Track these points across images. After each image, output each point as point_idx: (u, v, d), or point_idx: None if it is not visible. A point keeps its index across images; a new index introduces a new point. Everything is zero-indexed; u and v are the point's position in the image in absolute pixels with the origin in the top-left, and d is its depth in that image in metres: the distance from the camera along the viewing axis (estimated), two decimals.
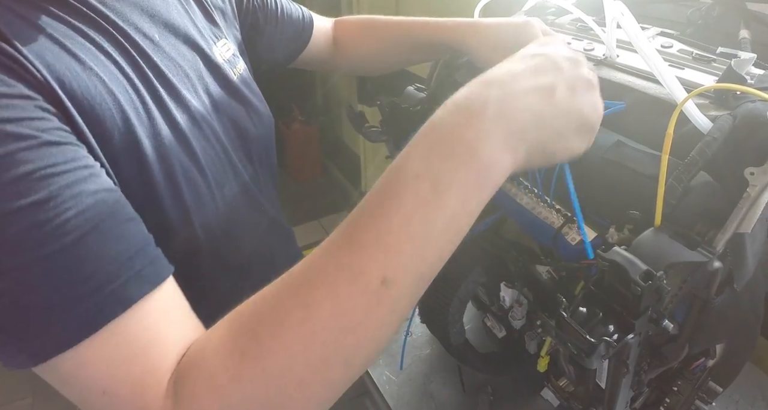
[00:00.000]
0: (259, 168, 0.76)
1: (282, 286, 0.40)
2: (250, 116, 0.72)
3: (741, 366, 0.76)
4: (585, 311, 0.46)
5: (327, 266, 0.38)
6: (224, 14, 0.76)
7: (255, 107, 0.73)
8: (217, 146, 0.64)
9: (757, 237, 0.54)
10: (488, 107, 0.39)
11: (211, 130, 0.63)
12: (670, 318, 0.62)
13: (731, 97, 0.57)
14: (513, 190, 0.67)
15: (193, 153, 0.59)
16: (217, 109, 0.65)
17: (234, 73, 0.70)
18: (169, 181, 0.54)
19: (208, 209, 0.61)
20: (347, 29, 0.97)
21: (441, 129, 0.39)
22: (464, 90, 0.41)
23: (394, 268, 0.37)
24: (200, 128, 0.61)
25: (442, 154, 0.38)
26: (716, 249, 0.48)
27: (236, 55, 0.73)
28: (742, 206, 0.48)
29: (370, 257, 0.37)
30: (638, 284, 0.41)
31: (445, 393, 1.00)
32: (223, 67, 0.68)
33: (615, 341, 0.44)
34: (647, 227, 0.50)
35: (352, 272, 0.37)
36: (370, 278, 0.37)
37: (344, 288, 0.37)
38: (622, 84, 0.64)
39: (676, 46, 0.69)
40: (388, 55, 0.93)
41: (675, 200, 0.49)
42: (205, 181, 0.60)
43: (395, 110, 0.82)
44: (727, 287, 0.57)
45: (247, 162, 0.72)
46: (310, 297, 0.37)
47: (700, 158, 0.49)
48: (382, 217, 0.38)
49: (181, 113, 0.58)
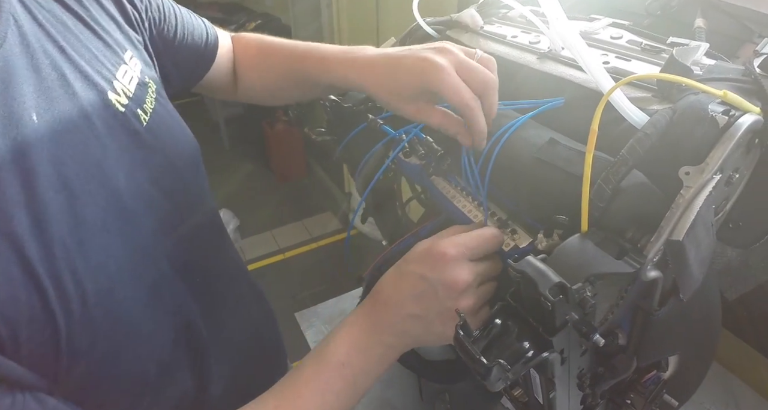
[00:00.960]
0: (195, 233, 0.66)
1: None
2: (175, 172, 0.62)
3: (699, 379, 0.72)
4: (500, 325, 0.42)
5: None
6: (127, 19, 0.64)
7: (175, 151, 0.63)
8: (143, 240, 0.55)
9: (703, 244, 0.49)
10: (385, 331, 0.54)
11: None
12: (615, 328, 0.58)
13: (675, 90, 0.52)
14: (451, 192, 0.63)
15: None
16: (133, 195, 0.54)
17: (142, 118, 0.58)
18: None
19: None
20: (246, 55, 0.84)
21: (356, 335, 0.56)
22: (365, 308, 0.57)
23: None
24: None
25: (360, 349, 0.55)
26: (647, 258, 0.43)
27: (143, 81, 0.60)
28: (676, 210, 0.43)
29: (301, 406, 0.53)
30: (547, 298, 0.36)
31: (404, 400, 0.97)
32: (127, 119, 0.56)
33: (529, 358, 0.39)
34: (576, 233, 0.46)
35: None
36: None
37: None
38: (563, 78, 0.60)
39: (626, 37, 0.65)
40: (287, 90, 0.82)
41: (603, 203, 0.45)
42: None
43: (338, 110, 0.78)
44: (672, 298, 0.53)
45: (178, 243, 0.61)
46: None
47: (630, 156, 0.44)
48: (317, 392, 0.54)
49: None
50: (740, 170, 0.50)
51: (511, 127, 0.56)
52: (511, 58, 0.67)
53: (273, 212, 3.41)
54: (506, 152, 0.56)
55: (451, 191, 0.63)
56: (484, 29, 0.76)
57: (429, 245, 0.54)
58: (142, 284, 0.53)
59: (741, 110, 0.46)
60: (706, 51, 0.58)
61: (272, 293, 1.06)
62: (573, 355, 0.49)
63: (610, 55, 0.62)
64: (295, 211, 3.39)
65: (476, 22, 0.77)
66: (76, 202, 0.47)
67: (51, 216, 0.44)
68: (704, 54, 0.58)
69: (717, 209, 0.53)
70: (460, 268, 0.51)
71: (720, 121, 0.45)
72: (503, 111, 0.61)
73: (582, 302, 0.41)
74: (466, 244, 0.52)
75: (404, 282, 0.53)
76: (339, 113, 0.79)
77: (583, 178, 0.43)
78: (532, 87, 0.62)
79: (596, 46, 0.65)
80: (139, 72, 0.60)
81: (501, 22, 0.78)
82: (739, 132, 0.44)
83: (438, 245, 0.52)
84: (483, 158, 0.57)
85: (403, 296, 0.53)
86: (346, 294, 1.20)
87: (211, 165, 3.16)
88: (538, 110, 0.55)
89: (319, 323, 1.14)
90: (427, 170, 0.63)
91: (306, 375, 0.54)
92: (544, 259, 0.42)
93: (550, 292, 0.37)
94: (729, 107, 0.46)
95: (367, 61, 0.63)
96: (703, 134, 0.45)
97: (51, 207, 0.44)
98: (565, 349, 0.45)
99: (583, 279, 0.41)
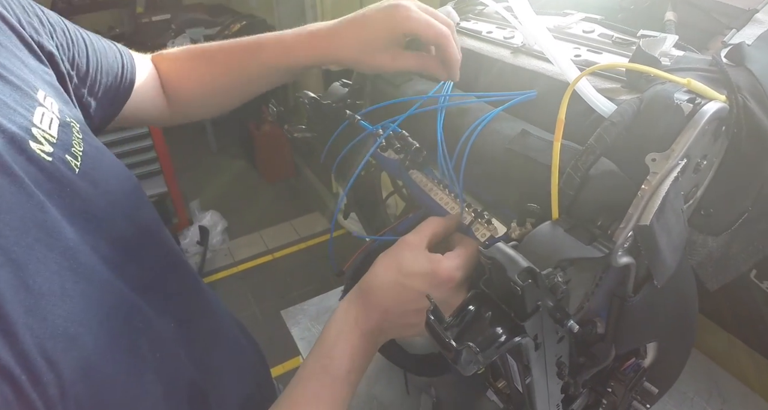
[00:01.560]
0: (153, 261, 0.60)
1: None
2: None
3: (679, 367, 0.73)
4: (473, 312, 0.42)
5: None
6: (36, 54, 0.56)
7: (116, 191, 0.56)
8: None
9: (674, 231, 0.50)
10: (383, 335, 0.58)
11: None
12: (593, 317, 0.59)
13: (643, 81, 0.53)
14: (429, 185, 0.64)
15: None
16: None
17: (72, 164, 0.50)
18: None
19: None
20: (175, 67, 0.77)
21: (357, 342, 0.56)
22: (361, 311, 0.57)
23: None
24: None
25: (362, 354, 0.57)
26: (616, 244, 0.44)
27: (64, 122, 0.52)
28: (642, 196, 0.44)
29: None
30: (516, 282, 0.37)
31: (390, 394, 0.97)
32: (56, 168, 0.48)
33: (501, 343, 0.40)
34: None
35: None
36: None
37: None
38: (535, 71, 0.61)
39: (598, 31, 0.66)
40: (230, 90, 0.77)
41: (573, 191, 0.45)
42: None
43: (318, 107, 0.78)
44: (646, 285, 0.54)
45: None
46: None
47: (598, 145, 0.45)
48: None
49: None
50: (708, 158, 0.51)
51: (484, 119, 0.57)
52: (486, 53, 0.68)
53: (261, 212, 3.40)
54: (479, 143, 0.56)
55: (429, 184, 0.64)
56: (460, 25, 0.77)
57: (435, 268, 0.54)
58: (119, 348, 0.47)
59: (706, 97, 0.47)
60: (675, 43, 0.59)
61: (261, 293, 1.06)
62: (548, 342, 0.50)
63: (582, 49, 0.63)
64: (283, 211, 3.39)
65: (453, 18, 0.77)
66: (25, 274, 0.40)
67: (2, 296, 0.38)
68: (674, 46, 0.59)
69: (687, 196, 0.54)
70: (457, 294, 0.54)
71: (685, 108, 0.46)
72: (477, 104, 0.61)
73: (553, 287, 0.42)
74: (467, 265, 0.54)
75: (407, 296, 0.55)
76: (318, 110, 0.79)
77: (552, 166, 0.44)
78: (506, 81, 0.63)
79: (568, 40, 0.66)
80: (58, 111, 0.52)
81: (477, 18, 0.79)
82: (703, 119, 0.45)
83: (445, 269, 0.53)
84: (457, 150, 0.58)
85: (406, 309, 0.55)
86: (331, 291, 1.21)
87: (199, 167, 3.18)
88: (510, 103, 0.56)
89: (305, 320, 1.14)
90: (404, 163, 0.64)
91: (314, 388, 0.55)
92: (515, 246, 0.43)
93: (519, 277, 0.38)
94: (695, 95, 0.47)
95: (328, 30, 0.65)
96: (669, 122, 0.46)
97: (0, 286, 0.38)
98: (538, 335, 0.46)
99: (554, 265, 0.42)
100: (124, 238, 0.54)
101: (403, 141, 0.62)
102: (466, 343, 0.37)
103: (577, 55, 0.61)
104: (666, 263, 0.51)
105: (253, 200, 3.61)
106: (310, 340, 1.09)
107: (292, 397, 0.55)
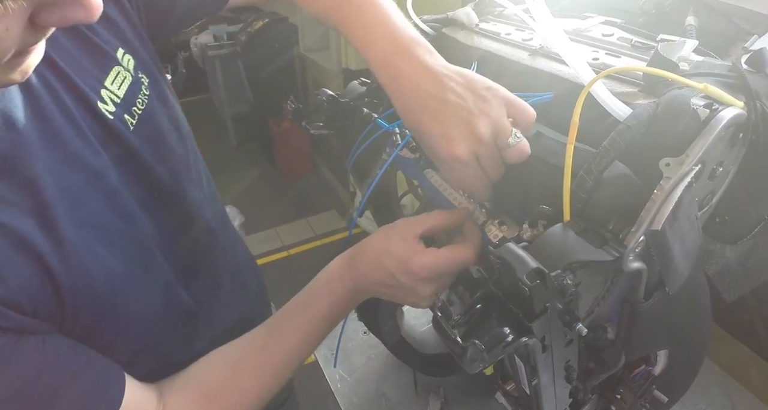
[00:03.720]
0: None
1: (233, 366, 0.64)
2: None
3: (691, 377, 0.72)
4: (481, 311, 0.42)
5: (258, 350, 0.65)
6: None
7: (165, 148, 0.65)
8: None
9: (687, 237, 0.50)
10: (360, 293, 0.64)
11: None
12: (604, 322, 0.59)
13: (660, 85, 0.53)
14: (443, 185, 0.64)
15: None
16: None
17: (129, 123, 0.60)
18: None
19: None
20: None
21: (339, 294, 0.65)
22: (347, 269, 0.64)
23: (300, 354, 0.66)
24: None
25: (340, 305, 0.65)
26: (627, 248, 0.44)
27: (136, 79, 0.62)
28: (655, 200, 0.44)
29: (288, 347, 0.64)
30: (524, 283, 0.37)
31: (398, 393, 0.97)
32: (116, 125, 0.58)
33: (508, 343, 0.40)
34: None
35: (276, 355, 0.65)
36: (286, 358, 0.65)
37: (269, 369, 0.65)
38: (552, 73, 0.61)
39: (618, 34, 0.65)
40: None
41: (585, 193, 0.45)
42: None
43: (335, 105, 0.79)
44: (658, 291, 0.53)
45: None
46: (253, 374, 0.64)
47: (611, 148, 0.45)
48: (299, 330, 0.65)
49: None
50: (725, 164, 0.51)
51: None
52: (504, 55, 0.68)
53: (278, 209, 3.43)
54: None
55: (443, 183, 0.64)
56: (479, 27, 0.77)
57: (408, 258, 0.57)
58: (131, 261, 0.57)
59: (723, 103, 0.47)
60: (695, 48, 0.58)
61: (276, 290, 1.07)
62: (557, 344, 0.50)
63: (600, 52, 0.62)
64: (299, 209, 3.41)
65: (472, 19, 0.78)
66: (75, 198, 0.51)
67: (58, 217, 0.49)
68: (693, 51, 0.58)
69: (702, 203, 0.54)
70: (425, 286, 0.58)
71: (701, 114, 0.46)
72: None
73: (562, 289, 0.42)
74: (437, 268, 0.57)
75: (381, 271, 0.60)
76: (336, 108, 0.80)
77: (565, 169, 0.44)
78: (523, 82, 0.63)
79: (587, 43, 0.66)
80: (132, 69, 0.62)
81: (496, 19, 0.79)
82: (719, 125, 0.45)
83: (415, 263, 0.57)
84: None
85: (378, 279, 0.61)
86: None
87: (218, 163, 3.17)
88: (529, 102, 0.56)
89: None
90: (419, 162, 0.64)
91: (294, 321, 0.65)
92: (525, 247, 0.43)
93: (528, 277, 0.38)
94: (712, 100, 0.47)
95: (398, 79, 0.57)
96: (685, 127, 0.46)
97: (57, 209, 0.49)
98: (546, 337, 0.46)
99: (563, 267, 0.42)
100: (161, 186, 0.64)
101: None
102: (472, 341, 0.37)
103: (595, 59, 0.61)
104: (678, 270, 0.51)
105: (271, 196, 3.64)
106: None
107: (274, 324, 0.66)
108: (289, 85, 3.48)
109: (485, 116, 0.52)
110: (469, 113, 0.52)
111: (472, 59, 0.69)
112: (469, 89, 0.54)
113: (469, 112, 0.52)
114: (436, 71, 0.55)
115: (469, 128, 0.52)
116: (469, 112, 0.52)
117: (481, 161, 0.53)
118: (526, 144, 0.53)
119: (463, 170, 0.54)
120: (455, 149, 0.52)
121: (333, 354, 1.03)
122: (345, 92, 0.82)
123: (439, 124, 0.53)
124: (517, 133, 0.53)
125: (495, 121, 0.52)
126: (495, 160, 0.54)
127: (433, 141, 0.54)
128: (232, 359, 0.65)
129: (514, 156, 0.53)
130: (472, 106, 0.52)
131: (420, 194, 0.83)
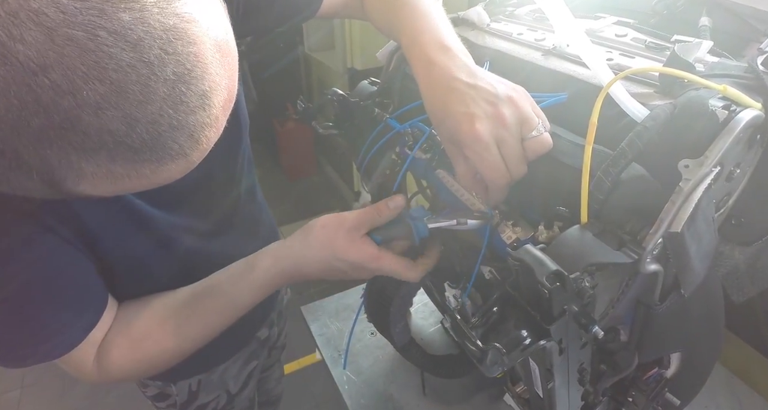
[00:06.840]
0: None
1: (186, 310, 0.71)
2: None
3: (703, 379, 0.72)
4: (498, 313, 0.42)
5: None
6: None
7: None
8: None
9: (704, 239, 0.50)
10: (301, 277, 0.69)
11: None
12: (618, 324, 0.59)
13: (677, 86, 0.52)
14: (455, 185, 0.64)
15: None
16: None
17: None
18: None
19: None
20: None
21: (279, 274, 0.69)
22: (294, 256, 0.68)
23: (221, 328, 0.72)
24: None
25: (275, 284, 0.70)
26: (645, 250, 0.43)
27: None
28: (674, 202, 0.43)
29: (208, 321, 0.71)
30: (544, 285, 0.37)
31: (406, 394, 0.97)
32: None
33: (526, 346, 0.40)
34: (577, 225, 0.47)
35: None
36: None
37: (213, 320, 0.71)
38: (566, 74, 0.60)
39: (631, 35, 0.65)
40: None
41: (603, 195, 0.45)
42: None
43: (345, 104, 0.79)
44: (673, 294, 0.53)
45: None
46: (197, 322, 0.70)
47: (629, 149, 0.45)
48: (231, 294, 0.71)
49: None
50: (742, 166, 0.51)
51: None
52: (516, 55, 0.68)
53: (282, 209, 3.42)
54: None
55: (455, 184, 0.64)
56: (490, 27, 0.77)
57: (362, 261, 0.63)
58: None
59: (741, 105, 0.46)
60: (710, 49, 0.58)
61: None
62: (572, 347, 0.50)
63: (614, 53, 0.62)
64: (303, 209, 3.40)
65: (483, 19, 0.77)
66: None
67: None
68: (708, 52, 0.58)
69: (719, 204, 0.53)
70: (361, 274, 0.67)
71: (720, 115, 0.45)
72: None
73: (580, 292, 0.42)
74: (381, 271, 0.65)
75: (332, 272, 0.67)
76: (345, 108, 0.80)
77: (583, 170, 0.44)
78: (536, 83, 0.63)
79: (601, 43, 0.65)
80: None
81: (507, 19, 0.78)
82: (738, 126, 0.44)
83: (370, 262, 0.64)
84: None
85: (329, 275, 0.68)
86: (351, 289, 1.21)
87: None
88: (541, 105, 0.56)
89: (324, 316, 1.15)
90: (431, 162, 0.64)
91: (222, 298, 0.70)
92: (543, 249, 0.42)
93: (547, 280, 0.38)
94: (729, 101, 0.47)
95: (431, 66, 0.59)
96: (703, 128, 0.46)
97: None
98: (563, 339, 0.45)
99: (581, 269, 0.41)
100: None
101: (431, 140, 0.62)
102: (493, 344, 0.37)
103: (609, 59, 0.61)
104: (695, 272, 0.51)
105: (275, 196, 3.63)
106: (328, 336, 1.09)
107: (213, 280, 0.71)
108: (294, 85, 3.47)
109: (512, 102, 0.53)
110: (497, 97, 0.53)
111: (484, 59, 0.69)
112: (501, 82, 0.56)
113: (496, 96, 0.53)
114: (471, 66, 0.57)
115: (494, 109, 0.52)
116: (497, 96, 0.53)
117: (503, 149, 0.53)
118: (548, 137, 0.53)
119: (481, 155, 0.53)
120: (477, 126, 0.52)
121: (340, 355, 1.03)
122: (355, 92, 0.81)
123: (464, 103, 0.54)
124: (541, 127, 0.53)
125: (522, 110, 0.53)
126: (516, 150, 0.53)
127: (455, 120, 0.54)
128: (160, 315, 0.69)
129: (537, 147, 0.53)
130: (500, 93, 0.53)
131: (429, 196, 0.82)
